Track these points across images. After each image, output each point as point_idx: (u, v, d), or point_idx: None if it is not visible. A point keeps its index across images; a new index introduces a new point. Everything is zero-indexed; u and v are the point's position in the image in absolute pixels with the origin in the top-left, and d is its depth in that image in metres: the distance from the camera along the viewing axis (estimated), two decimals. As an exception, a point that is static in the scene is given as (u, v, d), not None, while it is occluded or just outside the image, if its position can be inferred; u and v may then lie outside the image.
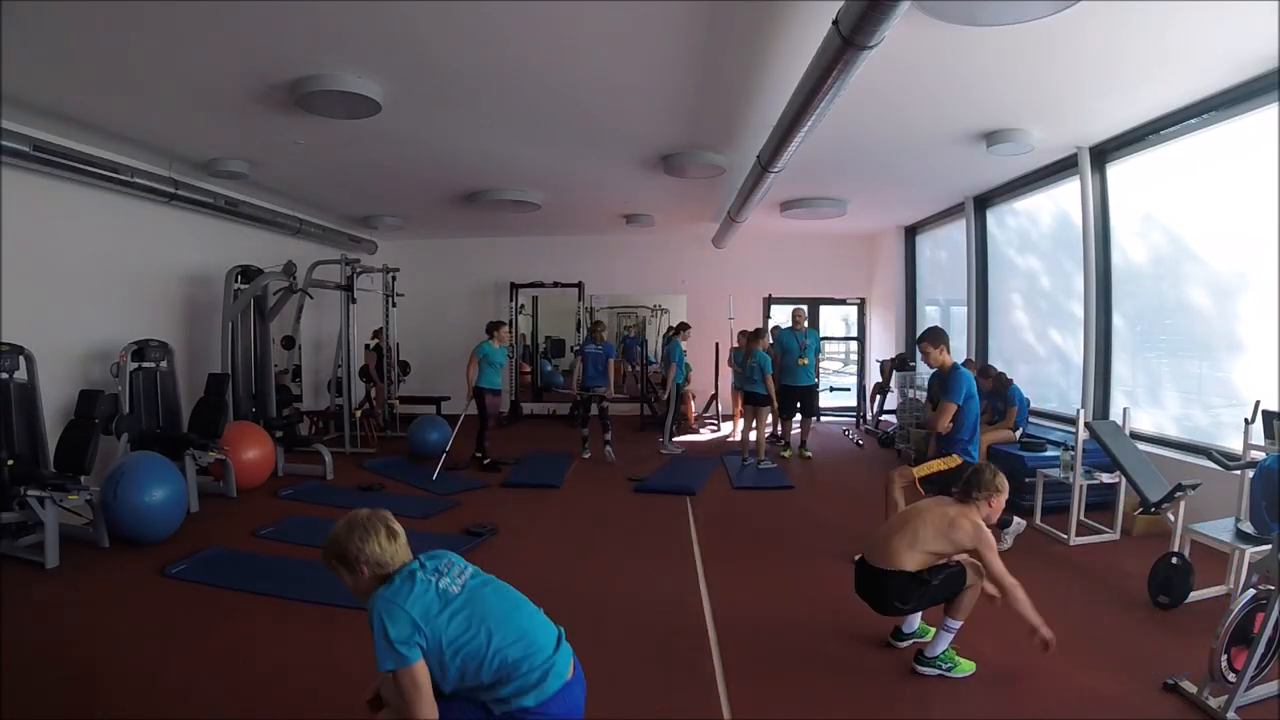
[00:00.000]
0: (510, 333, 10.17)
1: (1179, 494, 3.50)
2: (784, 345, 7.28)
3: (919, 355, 4.04)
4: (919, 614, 2.95)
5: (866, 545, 2.83)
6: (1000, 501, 2.70)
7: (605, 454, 6.94)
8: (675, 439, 7.75)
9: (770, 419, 7.04)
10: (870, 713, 2.49)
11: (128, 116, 4.66)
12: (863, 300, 10.39)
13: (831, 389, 10.42)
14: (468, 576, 1.80)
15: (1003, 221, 7.29)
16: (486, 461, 6.53)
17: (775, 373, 6.90)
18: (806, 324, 7.57)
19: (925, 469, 3.89)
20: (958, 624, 2.67)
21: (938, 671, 2.67)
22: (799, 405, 7.35)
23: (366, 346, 8.69)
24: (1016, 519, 4.31)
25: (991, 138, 5.13)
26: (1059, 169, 5.89)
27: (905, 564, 2.62)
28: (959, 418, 3.79)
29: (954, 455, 3.78)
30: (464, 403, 6.63)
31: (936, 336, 3.92)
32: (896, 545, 2.65)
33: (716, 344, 9.31)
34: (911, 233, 9.48)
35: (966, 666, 2.69)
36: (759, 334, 6.94)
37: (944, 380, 3.86)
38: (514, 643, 1.72)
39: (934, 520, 2.66)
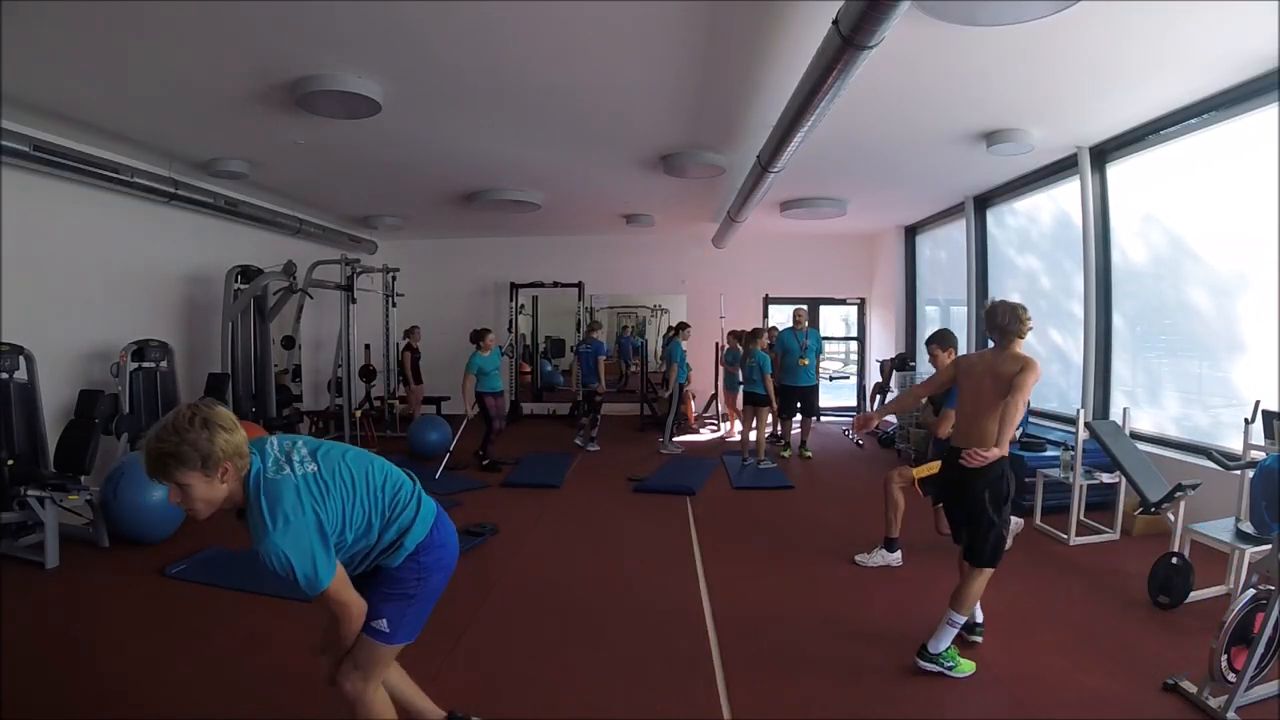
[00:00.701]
0: (511, 332, 10.24)
1: (1179, 494, 3.50)
2: (785, 345, 7.27)
3: (927, 356, 4.04)
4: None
5: (955, 434, 2.83)
6: (1029, 325, 2.70)
7: (579, 442, 7.56)
8: (675, 439, 7.76)
9: (770, 419, 7.05)
10: (870, 712, 2.49)
11: (128, 116, 4.66)
12: (863, 300, 10.38)
13: (832, 378, 10.42)
14: (306, 451, 1.72)
15: (1002, 221, 7.29)
16: (487, 462, 6.53)
17: (776, 373, 6.91)
18: (807, 324, 7.57)
19: (925, 470, 3.89)
20: (961, 618, 2.67)
21: (938, 669, 2.67)
22: (799, 405, 7.35)
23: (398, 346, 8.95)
24: (1015, 518, 4.30)
25: (991, 138, 5.13)
26: (1059, 169, 5.89)
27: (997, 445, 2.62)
28: None
29: None
30: (467, 412, 6.53)
31: (945, 339, 3.92)
32: (986, 426, 2.65)
33: (716, 344, 9.31)
34: (911, 232, 9.47)
35: (967, 666, 2.69)
36: (756, 334, 6.93)
37: None
38: (384, 482, 1.79)
39: (992, 373, 2.66)
